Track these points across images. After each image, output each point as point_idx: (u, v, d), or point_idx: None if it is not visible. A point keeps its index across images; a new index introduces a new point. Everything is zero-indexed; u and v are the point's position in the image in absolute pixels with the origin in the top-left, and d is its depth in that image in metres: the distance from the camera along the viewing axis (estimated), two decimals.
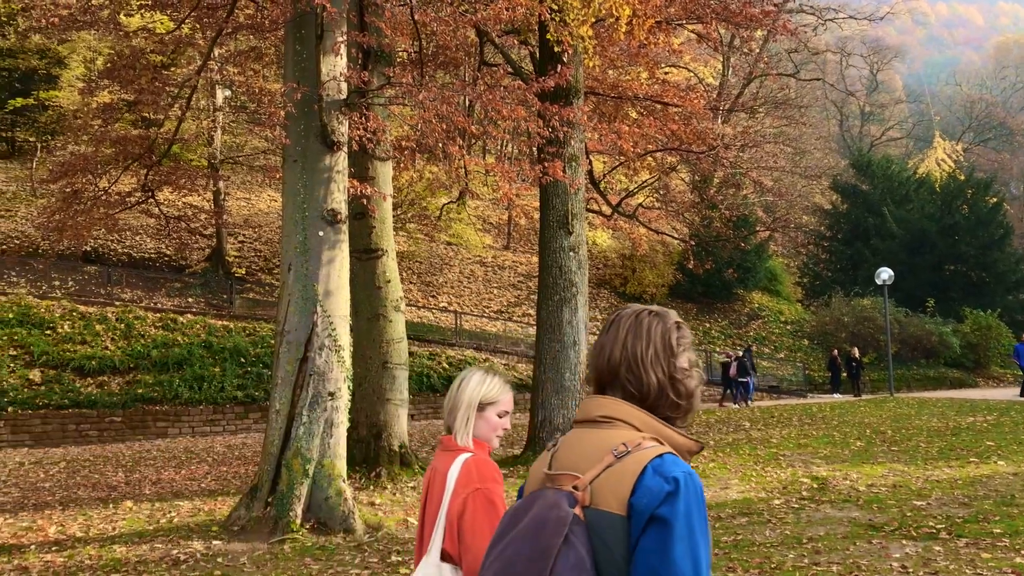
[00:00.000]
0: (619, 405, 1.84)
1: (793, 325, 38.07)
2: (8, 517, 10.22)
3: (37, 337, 22.05)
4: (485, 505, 2.70)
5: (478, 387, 2.97)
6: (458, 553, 2.70)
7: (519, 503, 1.86)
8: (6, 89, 35.15)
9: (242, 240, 32.29)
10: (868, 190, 42.23)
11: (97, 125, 17.81)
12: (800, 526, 8.43)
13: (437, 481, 2.85)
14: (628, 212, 18.33)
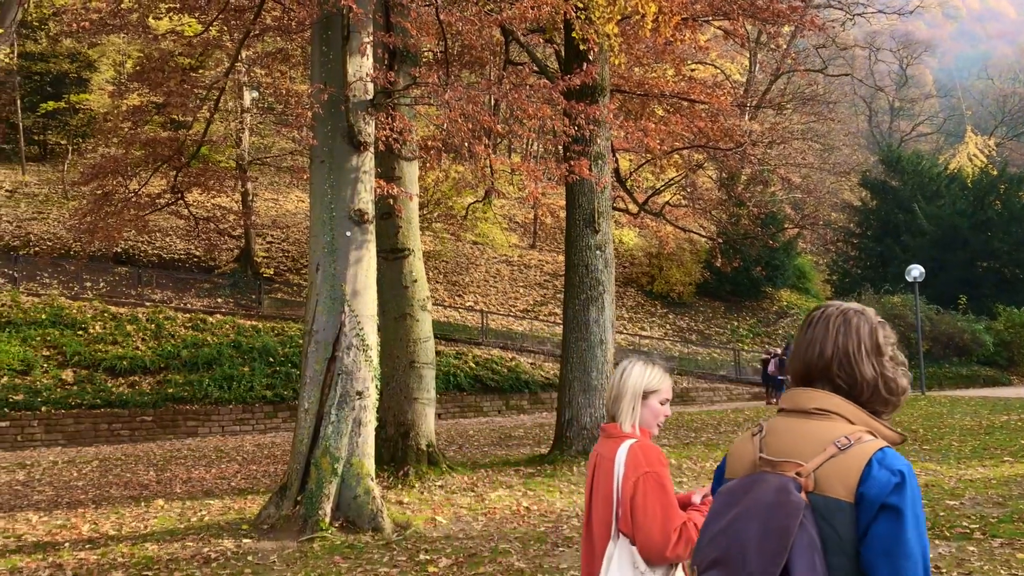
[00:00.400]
0: (831, 399, 2.00)
1: None
2: (43, 515, 10.37)
3: (69, 338, 22.34)
4: (656, 488, 2.91)
5: (641, 377, 3.19)
6: (631, 532, 2.92)
7: (734, 484, 2.03)
8: (38, 93, 35.64)
9: (270, 241, 32.53)
10: (898, 186, 41.76)
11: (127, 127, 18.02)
12: None
13: (603, 467, 3.06)
14: (655, 210, 18.25)
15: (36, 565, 7.74)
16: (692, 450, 14.39)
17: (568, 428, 13.39)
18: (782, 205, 35.55)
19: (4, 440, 19.17)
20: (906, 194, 40.69)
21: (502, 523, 9.13)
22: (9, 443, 19.18)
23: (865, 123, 65.79)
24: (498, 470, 12.74)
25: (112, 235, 15.05)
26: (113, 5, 12.18)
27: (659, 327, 33.62)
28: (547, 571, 7.05)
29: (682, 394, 27.90)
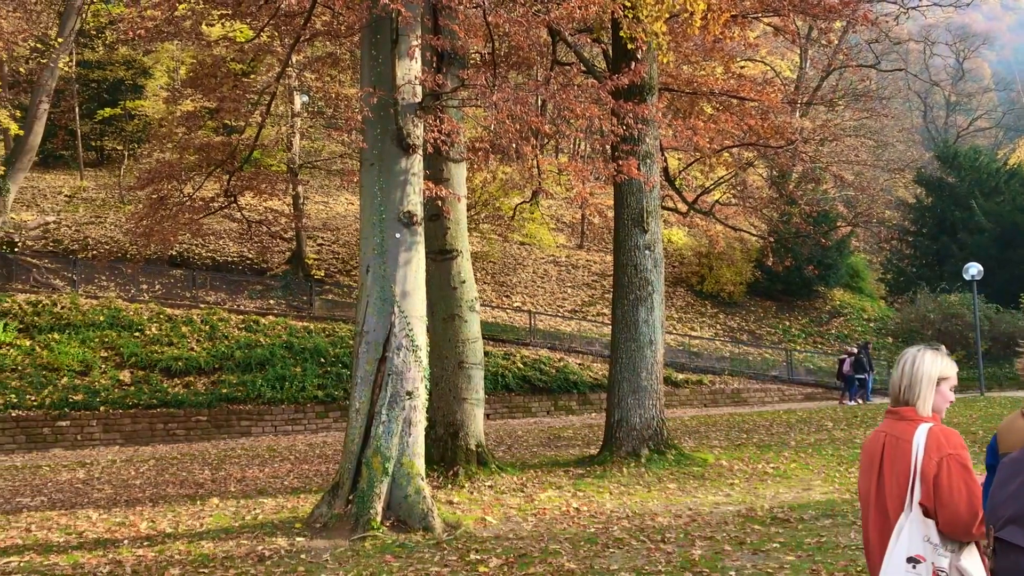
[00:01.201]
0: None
1: (876, 323, 37.07)
2: (102, 513, 10.61)
3: (127, 339, 22.84)
4: (960, 469, 3.16)
5: (934, 364, 3.40)
6: (934, 508, 3.17)
7: (1018, 454, 2.75)
8: (95, 100, 36.50)
9: (320, 243, 32.90)
10: (955, 183, 40.83)
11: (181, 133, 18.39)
12: None
13: (899, 447, 3.33)
14: (704, 209, 18.09)
15: (97, 561, 7.93)
16: (744, 451, 14.23)
17: (618, 429, 13.33)
18: (834, 203, 35.00)
19: (65, 439, 19.66)
20: (963, 191, 39.77)
21: (552, 523, 9.13)
22: (69, 442, 19.67)
23: (920, 119, 64.42)
24: (547, 471, 12.73)
25: (167, 238, 15.37)
26: (167, 13, 12.43)
27: (709, 327, 33.32)
28: (598, 572, 7.03)
29: (733, 395, 27.61)
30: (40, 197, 33.86)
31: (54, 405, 20.08)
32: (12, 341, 22.05)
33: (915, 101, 62.71)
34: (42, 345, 22.07)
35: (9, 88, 32.44)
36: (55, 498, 12.12)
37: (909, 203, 44.22)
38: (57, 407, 20.05)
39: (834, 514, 9.04)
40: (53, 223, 30.62)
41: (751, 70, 27.63)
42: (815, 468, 12.29)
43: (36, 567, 7.79)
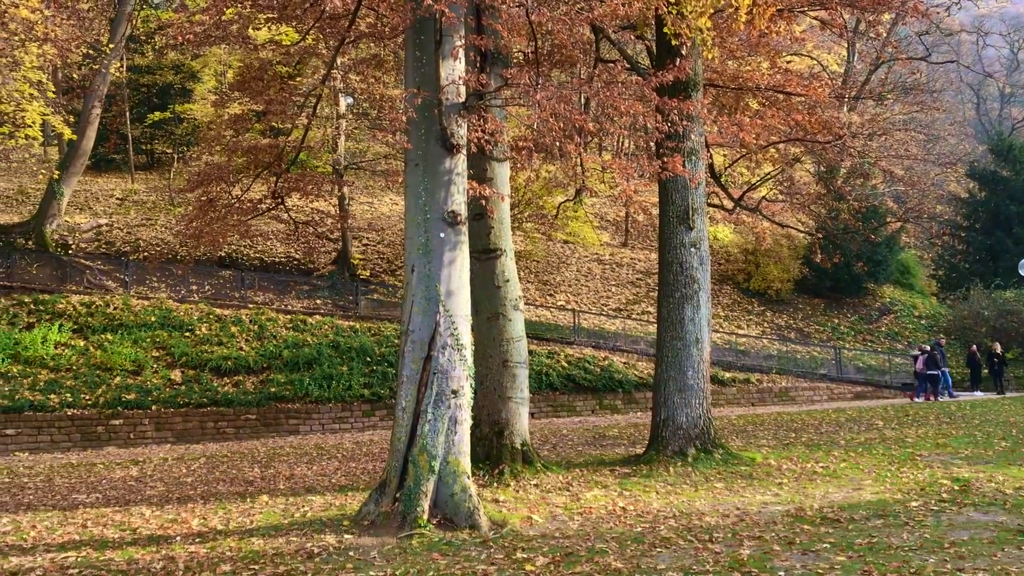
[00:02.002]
0: None
1: (928, 320, 36.38)
2: (155, 509, 10.82)
3: (177, 339, 23.25)
4: None
5: None
6: None
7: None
8: (145, 104, 37.22)
9: (366, 243, 33.18)
10: (1009, 176, 39.88)
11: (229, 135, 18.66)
12: (941, 529, 8.05)
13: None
14: (751, 206, 17.90)
15: (150, 557, 8.08)
16: (792, 451, 14.05)
17: (664, 428, 13.25)
18: (884, 198, 34.38)
19: (118, 437, 20.07)
20: (1018, 184, 38.85)
21: (598, 523, 9.10)
22: (122, 440, 20.08)
23: (972, 111, 63.07)
24: (593, 469, 12.69)
25: (217, 240, 15.61)
26: (215, 17, 12.62)
27: (756, 325, 32.95)
28: (645, 571, 7.00)
29: (781, 393, 27.29)
30: (93, 200, 34.61)
31: (108, 404, 20.51)
32: (67, 341, 22.57)
33: (967, 93, 61.43)
34: (96, 345, 22.57)
35: (63, 94, 33.20)
36: (110, 495, 12.38)
37: (961, 198, 43.29)
38: (111, 406, 20.48)
39: (886, 514, 8.89)
40: (105, 225, 31.28)
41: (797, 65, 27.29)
42: (866, 467, 12.09)
43: (92, 562, 7.96)
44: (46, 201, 29.01)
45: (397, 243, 32.72)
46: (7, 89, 21.22)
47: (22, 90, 20.88)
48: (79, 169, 30.16)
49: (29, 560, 8.16)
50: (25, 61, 20.11)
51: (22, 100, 21.00)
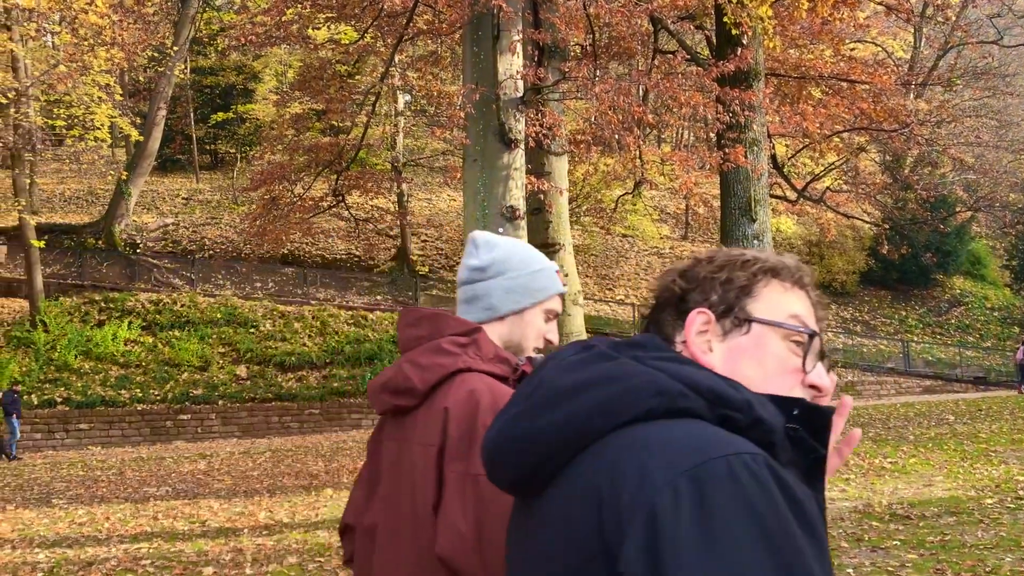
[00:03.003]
0: None
1: (1001, 311, 35.30)
2: (223, 502, 11.04)
3: (242, 335, 23.71)
4: None
5: None
6: None
7: None
8: (209, 105, 37.98)
9: (424, 239, 33.40)
10: None
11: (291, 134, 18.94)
12: (1017, 528, 7.80)
13: None
14: (814, 196, 17.55)
15: (219, 549, 8.24)
16: (859, 446, 13.77)
17: None
18: (953, 187, 33.46)
19: (186, 432, 20.55)
20: None
21: None
22: (191, 434, 20.55)
23: None
24: None
25: (279, 237, 15.85)
26: (276, 18, 12.81)
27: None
28: None
29: (847, 388, 26.75)
30: (159, 200, 35.45)
31: (175, 399, 21.02)
32: (136, 338, 23.18)
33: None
34: (164, 342, 23.13)
35: (130, 96, 34.07)
36: (179, 488, 12.68)
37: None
38: (178, 401, 20.98)
39: (958, 511, 8.64)
40: (172, 225, 32.03)
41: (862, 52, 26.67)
42: (936, 463, 11.78)
43: (164, 553, 8.16)
44: (115, 201, 29.81)
45: (456, 239, 32.87)
46: (77, 93, 21.83)
47: (91, 93, 21.46)
48: (146, 170, 30.91)
49: (104, 551, 8.40)
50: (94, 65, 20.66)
51: (91, 103, 21.58)
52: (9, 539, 9.27)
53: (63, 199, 35.47)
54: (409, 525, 1.72)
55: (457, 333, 1.83)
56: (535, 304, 1.91)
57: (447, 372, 1.76)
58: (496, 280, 1.91)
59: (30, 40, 23.66)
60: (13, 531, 9.75)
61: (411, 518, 1.72)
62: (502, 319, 1.90)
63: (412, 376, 1.78)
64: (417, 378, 1.77)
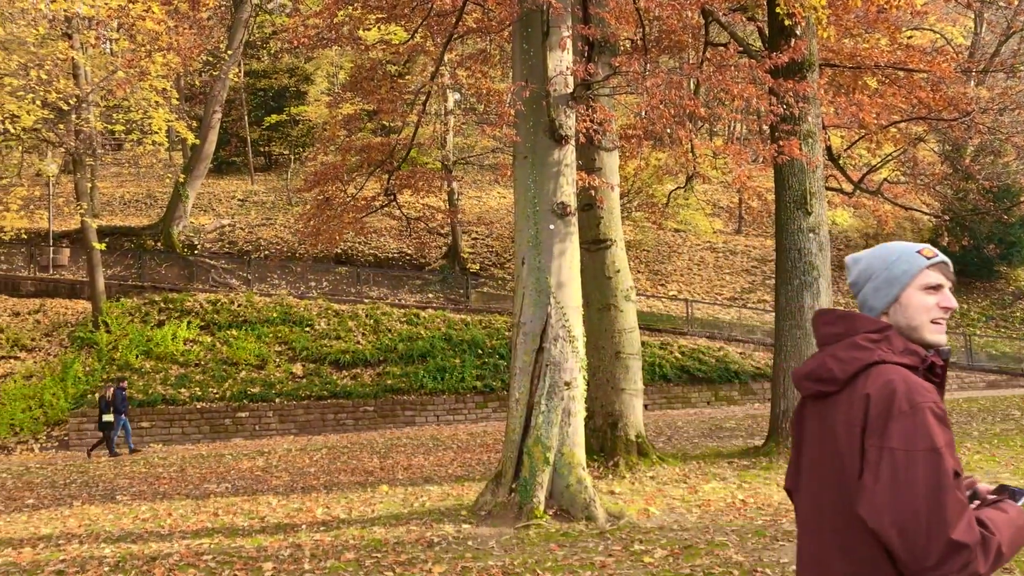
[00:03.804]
0: None
1: None
2: (281, 499, 11.21)
3: (298, 334, 24.04)
4: None
5: None
6: None
7: None
8: (262, 107, 38.57)
9: (475, 237, 33.51)
10: None
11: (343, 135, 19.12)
12: None
13: None
14: (871, 188, 17.21)
15: (278, 545, 8.38)
16: None
17: (784, 419, 12.90)
18: (1017, 176, 32.52)
19: (244, 429, 20.90)
20: None
21: (717, 515, 8.94)
22: (248, 432, 20.90)
23: None
24: (710, 462, 12.48)
25: (333, 237, 16.00)
26: (328, 20, 12.94)
27: None
28: (767, 565, 6.83)
29: None
30: (216, 202, 36.10)
31: (234, 397, 21.40)
32: (195, 337, 23.64)
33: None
34: (222, 341, 23.55)
35: (186, 100, 34.72)
36: (238, 484, 12.91)
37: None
38: (237, 399, 21.36)
39: None
40: (228, 226, 32.59)
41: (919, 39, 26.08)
42: (1002, 460, 11.48)
43: (224, 549, 8.31)
44: (172, 204, 30.43)
45: (506, 236, 32.93)
46: (135, 98, 22.31)
47: (149, 98, 21.91)
48: (202, 172, 31.51)
49: (167, 546, 8.58)
50: (151, 70, 21.09)
51: (149, 108, 22.04)
52: (76, 534, 9.52)
53: (123, 202, 36.31)
54: (834, 489, 2.12)
55: (870, 331, 2.19)
56: (904, 288, 2.24)
57: (864, 364, 2.13)
58: (867, 286, 2.31)
59: (90, 47, 24.24)
60: (80, 526, 10.02)
61: (836, 483, 2.12)
62: (885, 314, 2.26)
63: (833, 367, 2.16)
64: (838, 369, 2.15)
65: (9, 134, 20.31)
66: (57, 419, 20.76)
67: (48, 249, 27.46)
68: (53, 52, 20.74)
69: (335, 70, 42.70)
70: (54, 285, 26.18)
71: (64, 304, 25.36)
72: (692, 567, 6.90)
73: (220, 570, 7.47)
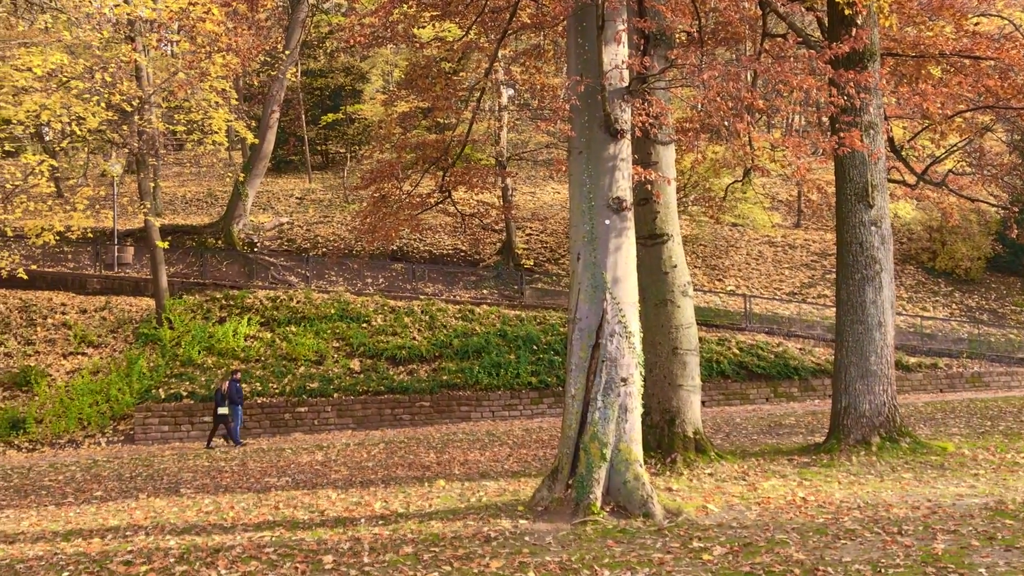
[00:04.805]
0: None
1: None
2: (340, 492, 11.35)
3: (355, 330, 24.31)
4: None
5: None
6: None
7: None
8: (319, 106, 39.05)
9: (529, 233, 33.50)
10: None
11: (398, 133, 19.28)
12: None
13: None
14: (936, 180, 16.78)
15: (338, 538, 8.48)
16: (989, 440, 13.12)
17: (845, 416, 12.67)
18: None
19: (303, 424, 21.20)
20: None
21: (777, 513, 8.81)
22: (308, 427, 21.19)
23: None
24: (769, 459, 12.31)
25: (389, 234, 16.14)
26: (383, 19, 13.05)
27: (944, 307, 30.97)
28: (829, 564, 6.71)
29: (973, 379, 25.55)
30: (274, 200, 36.66)
31: (293, 392, 21.72)
32: (255, 334, 24.05)
33: None
34: (281, 337, 23.92)
35: (244, 101, 35.30)
36: (298, 478, 13.10)
37: None
38: (296, 394, 21.67)
39: None
40: (287, 224, 33.08)
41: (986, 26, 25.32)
42: None
43: (285, 542, 8.44)
44: (232, 202, 30.98)
45: (560, 232, 32.86)
46: (196, 99, 22.76)
47: (209, 99, 22.32)
48: (261, 171, 32.02)
49: (229, 538, 8.75)
50: (211, 71, 21.48)
51: (209, 108, 22.45)
52: (143, 526, 9.76)
53: (184, 201, 37.09)
54: None
55: None
56: None
57: None
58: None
59: (152, 50, 24.77)
60: (146, 518, 10.27)
61: None
62: None
63: None
64: None
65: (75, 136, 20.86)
66: (123, 413, 21.29)
67: (113, 248, 28.17)
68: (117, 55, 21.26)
69: (390, 68, 43.05)
70: (119, 283, 26.85)
71: (129, 301, 26.00)
72: (752, 565, 6.81)
73: (281, 563, 7.59)
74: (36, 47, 19.16)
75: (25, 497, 12.81)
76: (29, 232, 21.40)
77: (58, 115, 18.55)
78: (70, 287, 26.41)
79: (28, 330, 24.12)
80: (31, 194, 21.91)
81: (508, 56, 22.37)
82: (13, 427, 20.53)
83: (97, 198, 30.51)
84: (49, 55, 17.88)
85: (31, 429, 20.51)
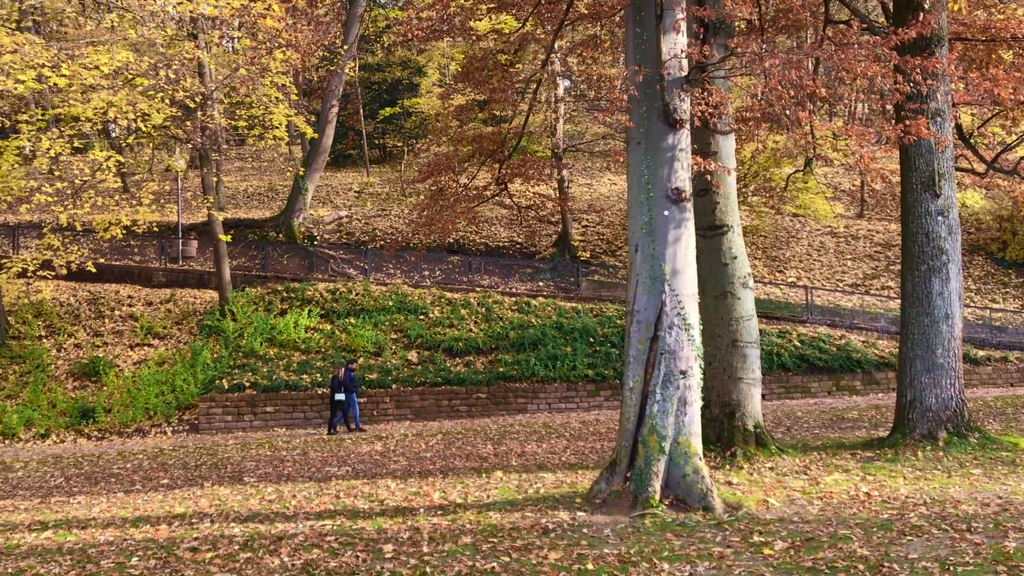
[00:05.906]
0: None
1: None
2: (399, 482, 11.46)
3: (413, 322, 24.51)
4: None
5: None
6: None
7: None
8: (376, 101, 39.39)
9: (585, 225, 33.38)
10: None
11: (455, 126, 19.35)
12: None
13: None
14: (1006, 168, 16.30)
15: (397, 527, 8.57)
16: None
17: (910, 410, 12.40)
18: None
19: (363, 415, 21.44)
20: None
21: (840, 508, 8.67)
22: (367, 417, 21.43)
23: None
24: (832, 453, 12.11)
25: (446, 227, 16.19)
26: (441, 12, 13.09)
27: (1015, 298, 30.06)
28: (894, 560, 6.58)
29: None
30: (333, 194, 37.11)
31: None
32: (316, 325, 24.40)
33: None
34: (340, 329, 24.23)
35: (304, 96, 35.77)
36: (358, 468, 13.27)
37: None
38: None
39: None
40: (345, 217, 33.46)
41: None
42: None
43: (346, 530, 8.56)
44: (293, 196, 31.44)
45: (616, 223, 32.68)
46: (257, 94, 23.14)
47: (269, 94, 22.68)
48: (320, 165, 32.43)
49: (292, 527, 8.90)
50: (271, 67, 21.83)
51: (270, 104, 22.81)
52: (208, 513, 9.98)
53: (246, 195, 37.74)
54: None
55: None
56: None
57: None
58: None
59: (214, 47, 25.24)
60: (211, 506, 10.50)
61: None
62: None
63: None
64: None
65: (140, 132, 21.37)
66: (187, 403, 21.79)
67: (177, 241, 28.80)
68: (180, 52, 21.71)
69: (446, 61, 43.21)
70: (183, 276, 27.45)
71: (193, 294, 26.57)
72: (814, 560, 6.71)
73: (343, 551, 7.70)
74: (103, 46, 19.66)
75: (95, 484, 13.19)
76: (97, 226, 22.03)
77: (124, 112, 19.04)
78: (136, 280, 27.08)
79: (97, 322, 24.81)
80: (99, 189, 22.53)
81: (564, 47, 22.26)
82: (83, 416, 21.16)
83: (162, 193, 31.23)
84: (115, 53, 18.34)
85: (100, 418, 21.11)
